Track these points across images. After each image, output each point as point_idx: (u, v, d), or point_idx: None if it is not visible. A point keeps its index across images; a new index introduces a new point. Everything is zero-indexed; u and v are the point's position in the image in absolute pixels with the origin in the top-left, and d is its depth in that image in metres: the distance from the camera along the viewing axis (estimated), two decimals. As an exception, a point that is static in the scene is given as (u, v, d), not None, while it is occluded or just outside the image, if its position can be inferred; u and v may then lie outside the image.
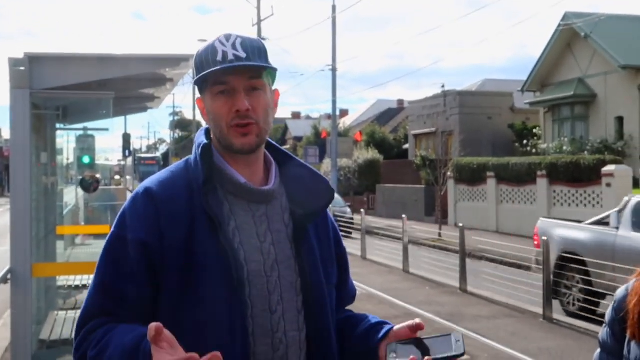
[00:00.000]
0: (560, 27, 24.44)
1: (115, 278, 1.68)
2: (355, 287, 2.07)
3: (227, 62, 1.72)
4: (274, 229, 1.78)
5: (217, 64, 1.72)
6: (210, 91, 1.76)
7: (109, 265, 1.70)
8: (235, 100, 1.72)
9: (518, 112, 30.80)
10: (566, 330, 9.29)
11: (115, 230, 1.74)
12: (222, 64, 1.71)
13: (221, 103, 1.74)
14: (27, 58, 5.03)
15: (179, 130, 77.12)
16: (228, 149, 1.77)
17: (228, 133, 1.74)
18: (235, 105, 1.72)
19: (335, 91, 27.89)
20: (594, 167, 19.14)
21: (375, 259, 16.44)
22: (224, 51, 1.73)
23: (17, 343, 5.06)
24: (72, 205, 11.09)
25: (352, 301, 2.05)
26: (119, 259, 1.69)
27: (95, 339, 1.65)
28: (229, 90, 1.73)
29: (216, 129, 1.77)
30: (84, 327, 1.69)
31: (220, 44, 1.75)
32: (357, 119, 54.07)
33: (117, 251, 1.70)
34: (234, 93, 1.73)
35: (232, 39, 1.76)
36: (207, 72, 1.72)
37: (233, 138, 1.74)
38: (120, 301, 1.67)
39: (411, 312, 10.34)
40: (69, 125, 8.98)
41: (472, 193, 25.04)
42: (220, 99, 1.74)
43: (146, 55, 5.78)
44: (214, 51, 1.74)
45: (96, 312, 1.69)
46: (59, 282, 7.91)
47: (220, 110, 1.74)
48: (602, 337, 2.25)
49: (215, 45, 1.75)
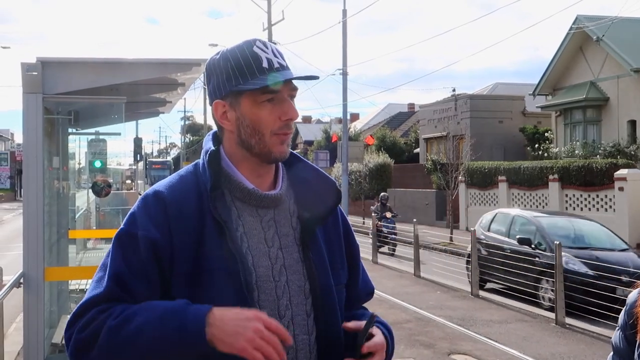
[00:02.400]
0: (572, 31, 24.33)
1: (127, 272, 1.65)
2: (371, 283, 2.04)
3: (274, 70, 1.71)
4: (281, 233, 1.77)
5: (264, 70, 1.71)
6: (254, 98, 1.73)
7: (121, 259, 1.67)
8: (285, 109, 1.73)
9: (529, 116, 30.68)
10: (579, 334, 9.24)
11: (125, 227, 1.72)
12: (270, 72, 1.71)
13: (268, 111, 1.73)
14: (39, 63, 5.06)
15: (190, 134, 77.34)
16: (263, 156, 1.76)
17: (269, 141, 1.74)
18: (286, 113, 1.73)
19: (346, 95, 27.88)
20: (607, 171, 19.03)
21: (386, 263, 16.42)
22: (268, 58, 1.73)
23: (29, 347, 5.08)
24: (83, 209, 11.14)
25: (368, 297, 2.03)
26: (130, 254, 1.67)
27: (114, 312, 1.60)
28: (275, 98, 1.73)
29: (254, 136, 1.74)
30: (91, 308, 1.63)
31: (261, 50, 1.74)
32: (367, 123, 54.04)
33: (127, 246, 1.68)
34: (280, 101, 1.74)
35: (269, 46, 1.76)
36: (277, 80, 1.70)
37: (273, 146, 1.74)
38: (132, 295, 1.65)
39: (422, 316, 10.32)
40: (81, 130, 9.02)
41: (483, 197, 24.95)
42: (267, 107, 1.73)
43: (157, 60, 5.80)
44: (257, 57, 1.73)
45: (107, 298, 1.64)
46: (71, 286, 7.93)
47: (267, 118, 1.73)
48: (615, 341, 2.24)
49: (256, 51, 1.73)
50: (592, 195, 19.60)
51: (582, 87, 24.23)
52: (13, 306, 8.45)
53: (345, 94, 27.87)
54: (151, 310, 1.58)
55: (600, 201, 19.31)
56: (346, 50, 27.80)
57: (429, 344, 8.55)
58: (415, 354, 8.01)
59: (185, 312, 1.56)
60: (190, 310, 1.56)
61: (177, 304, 1.59)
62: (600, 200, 19.33)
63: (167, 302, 1.61)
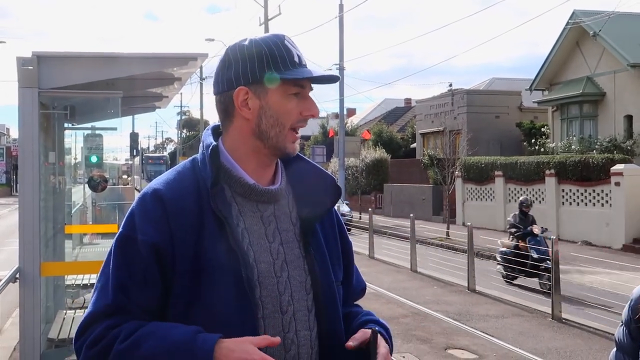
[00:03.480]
0: (568, 26, 24.33)
1: (130, 281, 1.65)
2: (363, 281, 2.05)
3: (302, 66, 1.74)
4: (282, 229, 1.77)
5: (295, 64, 1.73)
6: (285, 89, 1.73)
7: (124, 268, 1.66)
8: (309, 105, 1.76)
9: (526, 111, 30.72)
10: (575, 329, 9.25)
11: (124, 231, 1.70)
12: (301, 66, 1.73)
13: (294, 104, 1.74)
14: (35, 57, 5.04)
15: (187, 129, 77.24)
16: (277, 150, 1.76)
17: (286, 135, 1.75)
18: (309, 109, 1.76)
19: (343, 90, 27.88)
20: (603, 166, 19.06)
21: (383, 257, 16.43)
22: (297, 54, 1.76)
23: (25, 342, 5.07)
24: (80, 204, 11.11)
25: (360, 295, 2.03)
26: (132, 262, 1.66)
27: (122, 332, 1.60)
28: (301, 93, 1.75)
29: (275, 127, 1.74)
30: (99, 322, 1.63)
31: (292, 46, 1.76)
32: (364, 118, 54.01)
33: (128, 253, 1.67)
34: (303, 97, 1.75)
35: (293, 42, 1.79)
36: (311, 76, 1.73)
37: (288, 142, 1.76)
38: (137, 303, 1.65)
39: (419, 311, 10.33)
40: (77, 125, 8.98)
41: (480, 192, 24.98)
42: (293, 101, 1.74)
43: (154, 55, 5.78)
44: (289, 51, 1.74)
45: (115, 310, 1.64)
46: (67, 281, 7.91)
47: (293, 112, 1.74)
48: (618, 336, 2.23)
49: (288, 46, 1.75)
50: (589, 190, 19.63)
51: (578, 82, 24.25)
52: (9, 301, 8.43)
53: (342, 89, 27.87)
54: (161, 338, 1.57)
55: (597, 196, 19.34)
56: (343, 45, 27.79)
57: (425, 339, 8.56)
58: (412, 348, 8.02)
59: (194, 346, 1.55)
60: (198, 344, 1.55)
61: (186, 334, 1.57)
62: (596, 195, 19.36)
63: (177, 330, 1.59)
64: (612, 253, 17.09)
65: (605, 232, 18.75)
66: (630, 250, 17.41)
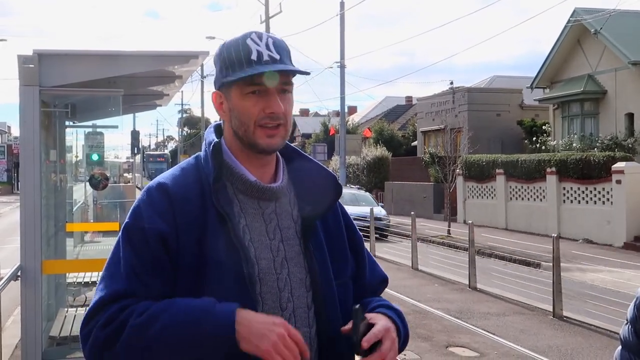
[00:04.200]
0: (569, 24, 24.29)
1: (141, 268, 1.65)
2: (382, 272, 2.03)
3: (262, 63, 1.71)
4: (282, 226, 1.78)
5: (252, 63, 1.71)
6: (240, 89, 1.74)
7: (133, 255, 1.66)
8: (270, 102, 1.72)
9: (527, 109, 30.67)
10: (576, 327, 9.25)
11: (131, 221, 1.71)
12: (258, 64, 1.70)
13: (252, 102, 1.73)
14: (36, 55, 5.04)
15: (188, 127, 77.24)
16: (251, 147, 1.76)
17: (254, 132, 1.74)
18: (269, 106, 1.72)
19: (344, 88, 27.85)
20: (604, 163, 19.05)
21: (384, 255, 16.43)
22: (258, 51, 1.72)
23: (27, 340, 5.08)
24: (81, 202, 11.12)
25: (383, 286, 2.02)
26: (141, 250, 1.66)
27: (136, 310, 1.59)
28: (261, 90, 1.73)
29: (241, 127, 1.75)
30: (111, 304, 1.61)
31: (254, 43, 1.73)
32: (365, 116, 53.99)
33: (136, 242, 1.67)
34: (266, 94, 1.73)
35: (265, 38, 1.75)
36: (253, 73, 1.70)
37: (258, 138, 1.74)
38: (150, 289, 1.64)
39: (420, 309, 10.33)
40: (78, 123, 8.99)
41: (481, 190, 24.97)
42: (252, 99, 1.73)
43: (155, 53, 5.78)
44: (247, 49, 1.73)
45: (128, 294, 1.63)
46: (68, 279, 7.92)
47: (251, 110, 1.73)
48: (624, 335, 2.23)
49: (248, 44, 1.73)
50: (590, 188, 19.62)
51: (579, 80, 24.22)
52: (11, 299, 8.43)
53: (343, 86, 27.84)
54: (178, 308, 1.58)
55: (598, 194, 19.33)
56: (344, 43, 27.76)
57: (426, 337, 8.57)
58: (413, 346, 8.02)
59: (215, 310, 1.57)
60: (219, 308, 1.57)
61: (204, 302, 1.59)
62: (597, 193, 19.35)
63: (193, 300, 1.60)
64: (613, 251, 17.08)
65: (606, 230, 18.74)
66: (632, 248, 17.40)
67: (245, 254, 1.68)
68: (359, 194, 24.44)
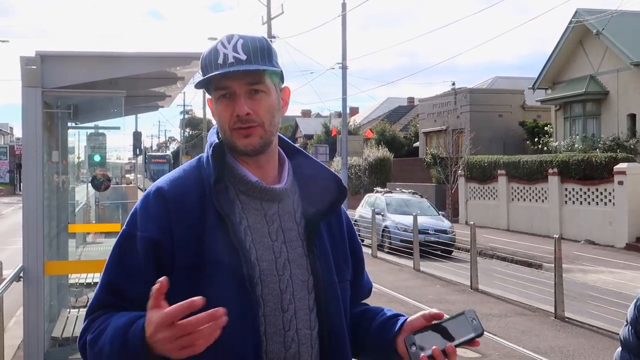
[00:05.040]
0: (571, 24, 24.29)
1: (121, 276, 1.70)
2: (370, 281, 2.07)
3: (227, 65, 1.71)
4: (285, 228, 1.77)
5: (218, 67, 1.72)
6: (214, 95, 1.77)
7: (117, 263, 1.72)
8: (235, 105, 1.72)
9: (529, 110, 30.67)
10: (578, 328, 9.25)
11: (126, 228, 1.75)
12: (223, 67, 1.71)
13: (223, 107, 1.74)
14: (38, 57, 5.06)
15: (189, 128, 77.27)
16: (233, 150, 1.78)
17: (231, 135, 1.75)
18: (235, 110, 1.72)
19: (346, 89, 27.85)
20: (606, 164, 19.03)
21: (386, 257, 16.42)
22: (224, 53, 1.72)
23: (29, 340, 5.09)
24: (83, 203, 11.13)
25: (368, 295, 2.05)
26: (127, 257, 1.70)
27: (96, 324, 1.68)
28: (230, 94, 1.73)
29: (221, 131, 1.78)
30: (88, 317, 1.73)
31: (222, 46, 1.74)
32: (367, 117, 53.97)
33: (125, 249, 1.72)
34: (234, 97, 1.73)
35: (234, 40, 1.74)
36: (206, 77, 1.73)
37: (236, 140, 1.75)
38: (126, 299, 1.68)
39: (422, 310, 10.32)
40: (80, 124, 9.00)
41: (482, 191, 24.96)
42: (222, 103, 1.74)
43: (157, 54, 5.80)
44: (216, 54, 1.74)
45: (101, 306, 1.72)
46: (70, 280, 7.93)
47: (223, 114, 1.75)
48: (624, 335, 2.23)
49: (218, 48, 1.74)
50: (592, 189, 19.60)
51: (581, 80, 24.21)
52: (13, 300, 8.45)
53: (345, 87, 27.84)
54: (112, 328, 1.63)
55: (600, 195, 19.31)
56: (345, 44, 27.77)
57: (428, 338, 8.56)
58: (414, 347, 8.02)
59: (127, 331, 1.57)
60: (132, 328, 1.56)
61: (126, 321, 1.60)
62: (599, 194, 19.34)
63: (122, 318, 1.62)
64: (615, 252, 17.07)
65: (608, 231, 18.72)
66: (633, 249, 17.38)
67: (245, 255, 1.68)
68: (414, 200, 19.76)
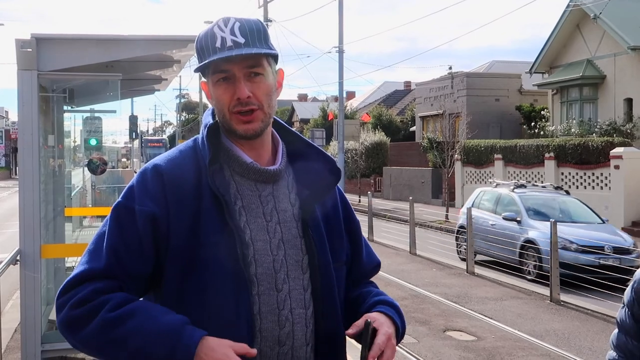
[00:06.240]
0: (569, 8, 24.22)
1: (124, 246, 1.68)
2: (376, 256, 2.07)
3: (225, 49, 1.71)
4: (280, 209, 1.78)
5: (216, 50, 1.72)
6: (212, 78, 1.76)
7: (118, 233, 1.69)
8: (236, 88, 1.73)
9: (526, 94, 30.64)
10: (573, 311, 9.31)
11: (122, 200, 1.74)
12: (221, 51, 1.71)
13: (222, 90, 1.75)
14: (34, 40, 5.03)
15: (186, 112, 77.12)
16: (231, 133, 1.78)
17: (230, 119, 1.75)
18: (235, 92, 1.73)
19: (342, 73, 27.77)
20: (602, 149, 19.06)
21: (382, 240, 16.47)
22: (222, 37, 1.72)
23: (26, 323, 5.11)
24: (79, 187, 11.12)
25: (375, 271, 2.06)
26: (127, 229, 1.69)
27: (111, 300, 1.62)
28: (229, 77, 1.74)
29: (219, 114, 1.78)
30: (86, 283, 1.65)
31: (219, 29, 1.73)
32: (363, 101, 53.87)
33: (124, 221, 1.70)
34: (234, 80, 1.74)
35: (231, 23, 1.74)
36: (206, 62, 1.73)
37: (235, 124, 1.75)
38: (126, 270, 1.67)
39: (418, 293, 10.38)
40: (76, 108, 8.97)
41: (479, 175, 24.99)
42: (221, 86, 1.75)
43: (153, 37, 5.76)
44: (213, 37, 1.74)
45: (103, 274, 1.66)
46: (67, 264, 7.93)
47: (222, 97, 1.75)
48: (620, 318, 2.24)
49: (214, 31, 1.74)
50: (588, 173, 19.65)
51: (578, 65, 24.18)
52: (10, 283, 8.47)
53: (342, 71, 27.77)
54: (149, 319, 1.60)
55: (596, 179, 19.36)
56: (342, 27, 27.66)
57: (424, 321, 8.61)
58: (410, 330, 8.07)
59: (181, 334, 1.57)
60: (187, 332, 1.58)
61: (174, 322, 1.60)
62: (596, 178, 19.38)
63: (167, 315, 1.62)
64: (610, 236, 17.11)
65: (604, 215, 18.76)
66: (630, 233, 17.39)
67: (240, 234, 1.69)
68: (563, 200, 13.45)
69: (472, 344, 7.66)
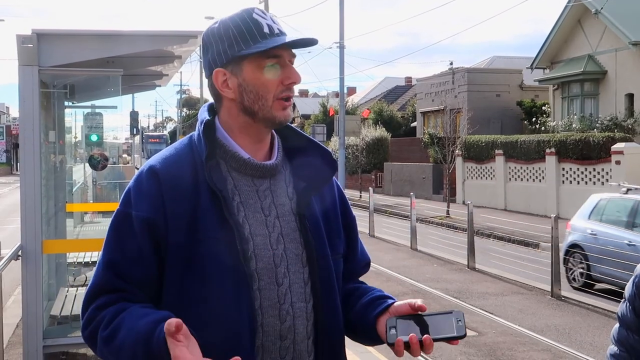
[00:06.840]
0: (570, 3, 24.18)
1: (122, 257, 1.69)
2: (368, 255, 2.06)
3: (274, 35, 1.73)
4: (278, 203, 1.79)
5: (266, 36, 1.72)
6: (257, 63, 1.74)
7: (116, 244, 1.72)
8: (288, 73, 1.75)
9: (527, 90, 30.61)
10: (574, 307, 9.31)
11: (121, 207, 1.75)
12: (272, 37, 1.72)
13: (271, 75, 1.74)
14: (35, 35, 5.02)
15: (186, 108, 77.08)
16: (268, 122, 1.77)
17: (272, 106, 1.75)
18: (289, 77, 1.75)
19: (343, 68, 27.77)
20: (604, 144, 19.04)
21: (383, 236, 16.48)
22: (268, 24, 1.74)
23: (28, 319, 5.12)
24: (80, 183, 11.13)
25: (365, 269, 2.05)
26: (125, 238, 1.70)
27: (105, 317, 1.66)
28: (279, 63, 1.75)
29: (258, 101, 1.76)
30: (91, 303, 1.71)
31: (261, 17, 1.75)
32: (364, 97, 53.83)
33: (122, 229, 1.72)
34: (283, 66, 1.75)
35: (267, 14, 1.78)
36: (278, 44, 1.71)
37: (276, 111, 1.76)
38: (127, 280, 1.69)
39: (419, 289, 10.38)
40: (77, 103, 8.97)
41: (480, 171, 24.98)
42: (270, 71, 1.74)
43: (154, 32, 5.76)
44: (257, 24, 1.74)
45: (104, 289, 1.70)
46: (69, 259, 7.95)
47: (271, 82, 1.74)
48: (622, 312, 2.24)
49: (256, 18, 1.75)
50: (589, 168, 19.63)
51: (580, 60, 24.15)
52: (11, 279, 8.49)
53: (342, 67, 27.77)
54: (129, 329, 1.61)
55: (597, 175, 19.34)
56: (343, 22, 27.64)
57: (425, 316, 8.62)
58: (411, 326, 8.09)
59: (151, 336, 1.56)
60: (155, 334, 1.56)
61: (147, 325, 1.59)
62: (597, 173, 19.37)
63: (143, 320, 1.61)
64: (611, 231, 17.10)
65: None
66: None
67: (239, 230, 1.69)
68: None
69: (473, 339, 7.67)
